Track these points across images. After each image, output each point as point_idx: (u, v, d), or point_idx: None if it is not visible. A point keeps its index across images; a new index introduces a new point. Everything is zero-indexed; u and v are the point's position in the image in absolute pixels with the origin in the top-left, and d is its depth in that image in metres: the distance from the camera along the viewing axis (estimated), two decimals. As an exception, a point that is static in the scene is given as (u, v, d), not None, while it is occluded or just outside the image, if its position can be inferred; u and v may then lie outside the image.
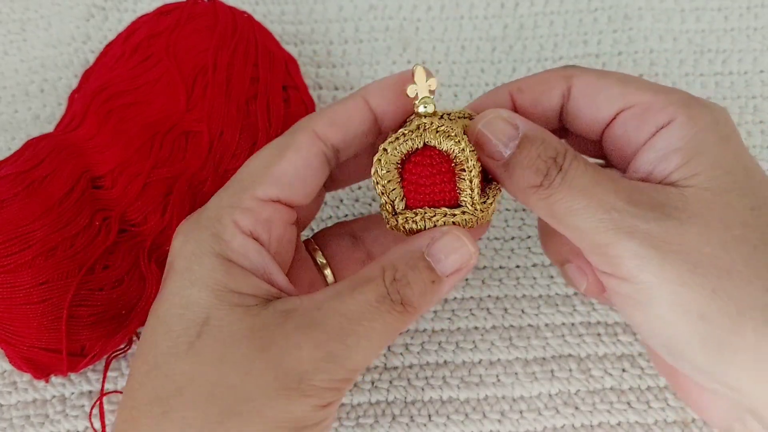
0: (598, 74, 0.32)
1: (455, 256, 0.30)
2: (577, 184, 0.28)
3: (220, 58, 0.40)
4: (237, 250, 0.29)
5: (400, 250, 0.30)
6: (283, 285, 0.31)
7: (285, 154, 0.31)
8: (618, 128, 0.31)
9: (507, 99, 0.33)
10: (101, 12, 0.51)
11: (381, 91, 0.32)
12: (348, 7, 0.52)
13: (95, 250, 0.36)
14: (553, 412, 0.39)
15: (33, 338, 0.35)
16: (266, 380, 0.27)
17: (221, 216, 0.30)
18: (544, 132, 0.30)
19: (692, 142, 0.29)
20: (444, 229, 0.30)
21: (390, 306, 0.29)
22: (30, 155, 0.38)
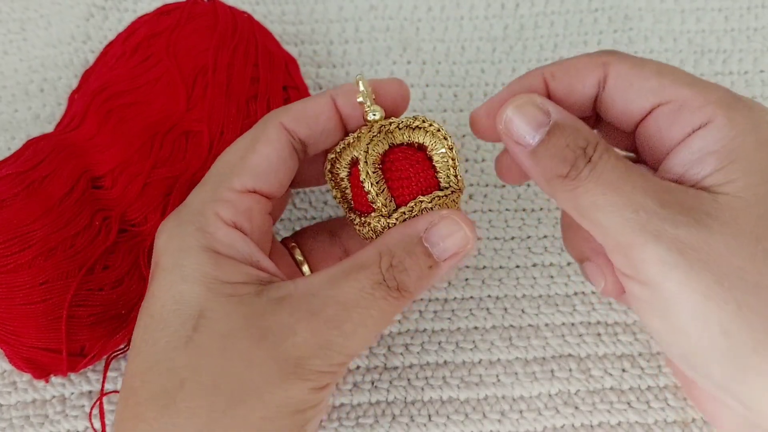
0: (634, 63, 0.30)
1: (453, 241, 0.30)
2: (606, 179, 0.27)
3: (220, 58, 0.40)
4: (222, 241, 0.30)
5: (397, 234, 0.30)
6: (272, 270, 0.31)
7: (256, 146, 0.31)
8: (652, 124, 0.30)
9: (541, 84, 0.31)
10: (101, 12, 0.51)
11: (349, 93, 0.33)
12: (348, 7, 0.52)
13: (95, 250, 0.36)
14: (553, 412, 0.39)
15: (33, 338, 0.35)
16: (267, 368, 0.28)
17: (203, 209, 0.30)
18: (576, 121, 0.29)
19: (730, 146, 0.27)
20: (443, 213, 0.30)
21: (386, 292, 0.29)
22: (30, 155, 0.38)
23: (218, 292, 0.28)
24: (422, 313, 0.42)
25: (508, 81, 0.49)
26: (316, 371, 0.28)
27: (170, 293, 0.29)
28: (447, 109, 0.48)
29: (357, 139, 0.32)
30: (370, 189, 0.30)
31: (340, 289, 0.29)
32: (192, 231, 0.30)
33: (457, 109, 0.48)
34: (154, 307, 0.29)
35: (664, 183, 0.28)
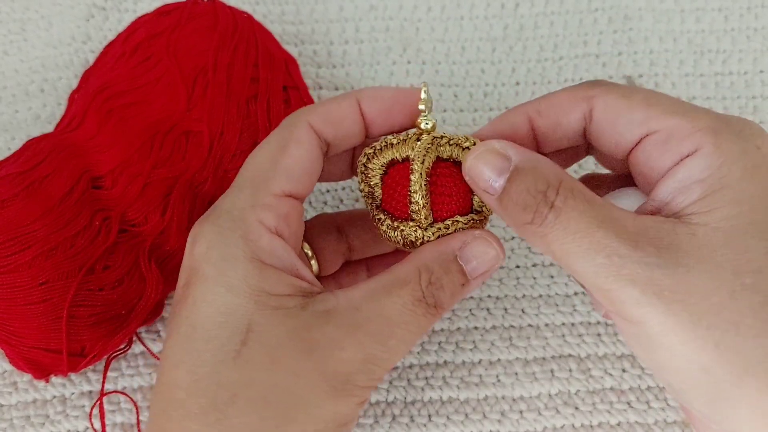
0: (620, 94, 0.30)
1: (485, 259, 0.31)
2: (574, 226, 0.27)
3: (220, 58, 0.40)
4: (266, 250, 0.29)
5: (434, 251, 0.30)
6: (310, 278, 0.31)
7: (288, 149, 0.31)
8: (641, 154, 0.29)
9: (524, 122, 0.31)
10: (101, 12, 0.51)
11: (375, 99, 0.33)
12: (348, 7, 0.52)
13: (95, 250, 0.36)
14: (553, 412, 0.39)
15: (33, 338, 0.35)
16: (315, 382, 0.28)
17: (245, 216, 0.30)
18: (539, 162, 0.29)
19: (716, 174, 0.27)
20: (476, 233, 0.31)
21: (425, 308, 0.29)
22: (30, 155, 0.38)
23: (265, 304, 0.28)
24: (422, 313, 0.42)
25: (508, 81, 0.49)
26: (362, 386, 0.29)
27: (215, 304, 0.28)
28: (447, 109, 0.48)
29: (402, 143, 0.32)
30: (418, 200, 0.30)
31: (384, 304, 0.29)
32: (235, 239, 0.29)
33: (457, 109, 0.48)
34: (197, 318, 0.29)
35: (639, 222, 0.27)
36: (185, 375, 0.28)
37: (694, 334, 0.25)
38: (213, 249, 0.29)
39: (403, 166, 0.32)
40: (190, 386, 0.28)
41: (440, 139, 0.31)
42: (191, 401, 0.28)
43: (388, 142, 0.32)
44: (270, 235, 0.30)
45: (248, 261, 0.29)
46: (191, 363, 0.28)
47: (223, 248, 0.29)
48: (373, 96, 0.33)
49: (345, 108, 0.32)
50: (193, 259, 0.30)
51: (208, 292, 0.29)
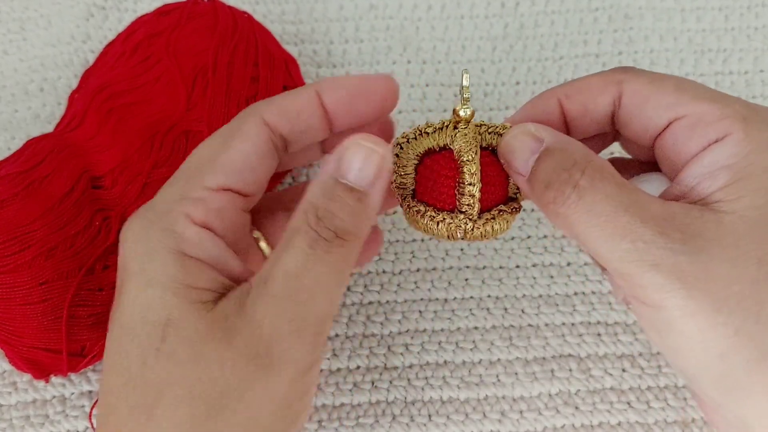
0: (650, 80, 0.29)
1: (368, 163, 0.28)
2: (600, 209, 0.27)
3: (220, 57, 0.40)
4: (191, 241, 0.28)
5: (314, 187, 0.29)
6: (238, 271, 0.30)
7: (232, 143, 0.30)
8: (669, 138, 0.29)
9: (555, 106, 0.31)
10: (101, 11, 0.51)
11: (336, 89, 0.31)
12: (348, 6, 0.52)
13: (95, 250, 0.36)
14: (553, 412, 0.39)
15: (33, 338, 0.35)
16: (240, 367, 0.27)
17: (171, 209, 0.29)
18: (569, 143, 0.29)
19: (744, 162, 0.27)
20: (344, 144, 0.28)
21: (325, 245, 0.27)
22: (30, 155, 0.38)
23: (184, 297, 0.27)
24: (422, 313, 0.42)
25: (508, 80, 0.49)
26: (290, 357, 0.27)
27: (137, 301, 0.28)
28: (447, 109, 0.48)
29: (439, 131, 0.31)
30: (475, 193, 0.30)
31: (285, 261, 0.27)
32: (157, 232, 0.28)
33: (457, 109, 0.48)
34: (123, 317, 0.28)
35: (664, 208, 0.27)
36: (116, 378, 0.28)
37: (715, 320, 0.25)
38: (137, 244, 0.28)
39: (443, 156, 0.31)
40: (120, 389, 0.27)
41: (479, 128, 0.31)
42: (121, 404, 0.27)
43: (422, 130, 0.31)
44: (197, 228, 0.29)
45: (169, 253, 0.28)
46: (120, 365, 0.27)
47: (145, 243, 0.28)
48: (333, 87, 0.31)
49: (302, 100, 0.31)
50: (122, 257, 0.29)
51: (132, 289, 0.28)
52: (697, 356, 0.27)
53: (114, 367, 0.28)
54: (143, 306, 0.27)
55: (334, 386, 0.40)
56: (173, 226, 0.28)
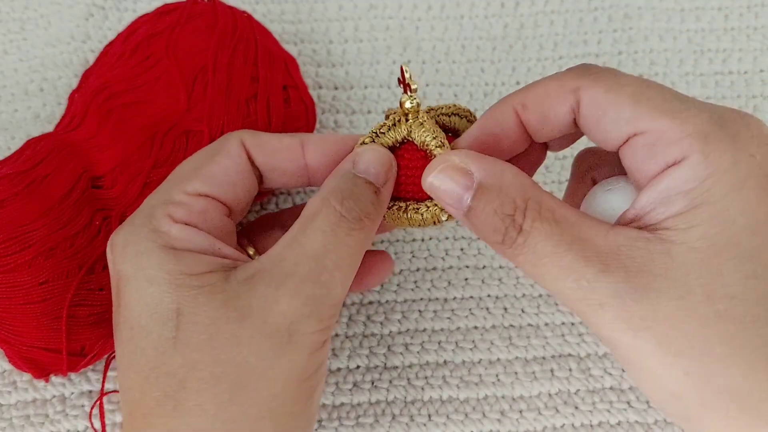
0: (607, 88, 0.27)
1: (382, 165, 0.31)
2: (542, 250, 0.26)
3: (220, 57, 0.40)
4: (177, 237, 0.29)
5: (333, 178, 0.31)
6: (234, 255, 0.31)
7: (215, 157, 0.32)
8: (629, 154, 0.27)
9: (511, 117, 0.30)
10: (101, 11, 0.51)
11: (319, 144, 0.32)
12: (348, 6, 0.52)
13: (95, 249, 0.36)
14: (553, 411, 0.39)
15: (33, 338, 0.35)
16: (258, 344, 0.27)
17: (154, 212, 0.30)
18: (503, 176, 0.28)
19: (701, 188, 0.25)
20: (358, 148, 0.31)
21: (348, 226, 0.29)
22: (30, 155, 0.38)
23: (187, 286, 0.28)
24: (422, 312, 0.42)
25: (508, 80, 0.49)
26: (310, 332, 0.28)
27: (142, 299, 0.28)
28: (447, 109, 0.48)
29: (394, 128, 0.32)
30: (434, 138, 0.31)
31: (304, 243, 0.28)
32: (145, 233, 0.29)
33: (457, 109, 0.48)
34: (131, 318, 0.29)
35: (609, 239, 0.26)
36: (135, 375, 0.28)
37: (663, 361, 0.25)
38: (128, 247, 0.29)
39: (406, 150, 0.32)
40: (142, 384, 0.28)
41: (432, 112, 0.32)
42: (146, 398, 0.28)
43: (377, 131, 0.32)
44: (180, 225, 0.30)
45: (159, 249, 0.29)
46: (137, 363, 0.28)
47: (136, 244, 0.29)
48: (317, 141, 0.33)
49: (284, 142, 0.32)
50: (114, 264, 0.30)
51: (134, 290, 0.29)
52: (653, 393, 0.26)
53: (131, 366, 0.29)
54: (149, 303, 0.28)
55: (334, 386, 0.40)
56: (158, 226, 0.29)
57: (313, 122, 0.43)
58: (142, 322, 0.28)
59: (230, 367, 0.27)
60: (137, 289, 0.29)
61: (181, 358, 0.28)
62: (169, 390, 0.28)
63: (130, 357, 0.29)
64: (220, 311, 0.28)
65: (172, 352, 0.28)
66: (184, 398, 0.27)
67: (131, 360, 0.29)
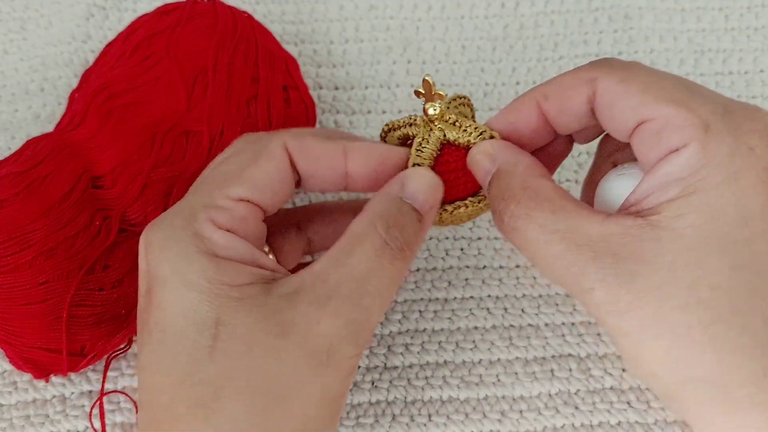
0: (621, 78, 0.28)
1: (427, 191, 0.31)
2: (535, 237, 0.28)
3: (220, 58, 0.40)
4: (220, 244, 0.29)
5: (381, 200, 0.31)
6: (273, 266, 0.31)
7: (259, 160, 0.31)
8: (637, 141, 0.28)
9: (533, 108, 0.31)
10: (101, 11, 0.51)
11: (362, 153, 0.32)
12: (349, 6, 0.52)
13: (95, 250, 0.36)
14: (553, 411, 0.39)
15: (33, 338, 0.35)
16: (298, 361, 0.28)
17: (196, 215, 0.29)
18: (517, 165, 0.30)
19: (695, 176, 0.26)
20: (407, 172, 0.31)
21: (391, 255, 0.29)
22: (30, 155, 0.38)
23: (228, 296, 0.28)
24: (422, 313, 0.42)
25: (508, 80, 0.49)
26: (347, 356, 0.28)
27: (179, 304, 0.28)
28: (447, 109, 0.48)
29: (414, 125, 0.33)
30: None
31: (349, 265, 0.28)
32: (187, 236, 0.29)
33: (458, 109, 0.48)
34: (165, 321, 0.28)
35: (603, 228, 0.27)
36: (166, 379, 0.28)
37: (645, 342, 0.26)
38: (167, 249, 0.29)
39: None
40: (173, 389, 0.28)
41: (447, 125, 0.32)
42: (176, 403, 0.28)
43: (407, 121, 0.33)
44: (223, 231, 0.29)
45: (201, 255, 0.28)
46: (169, 366, 0.28)
47: (176, 247, 0.29)
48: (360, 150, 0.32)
49: (327, 149, 0.32)
50: (148, 263, 0.29)
51: (170, 293, 0.28)
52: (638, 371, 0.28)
53: (160, 369, 0.28)
54: (186, 309, 0.28)
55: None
56: (201, 230, 0.29)
57: (314, 123, 0.43)
58: (176, 327, 0.28)
59: (268, 382, 0.27)
60: (174, 292, 0.28)
61: (218, 368, 0.27)
62: (202, 398, 0.27)
63: (159, 359, 0.28)
64: (261, 325, 0.28)
65: (208, 360, 0.27)
66: (219, 408, 0.27)
67: (160, 363, 0.28)
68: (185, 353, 0.28)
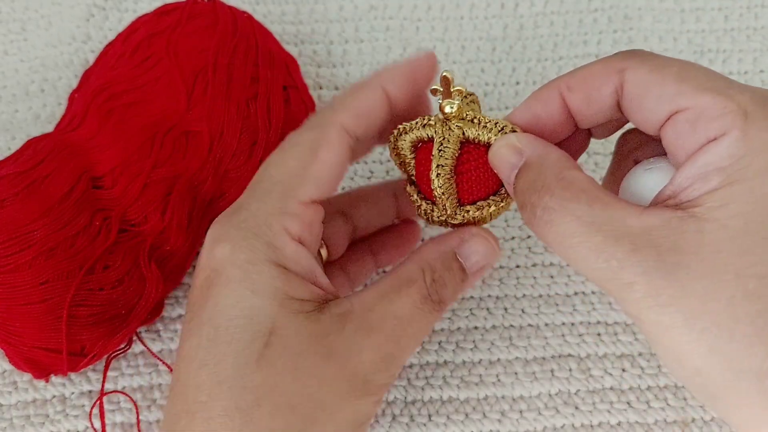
0: (652, 67, 0.27)
1: (483, 256, 0.32)
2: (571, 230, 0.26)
3: (220, 58, 0.40)
4: (290, 258, 0.30)
5: (435, 251, 0.32)
6: (327, 286, 0.31)
7: (319, 153, 0.31)
8: (670, 131, 0.27)
9: (556, 99, 0.30)
10: (101, 12, 0.51)
11: (397, 81, 0.32)
12: (348, 7, 0.52)
13: (95, 250, 0.36)
14: (553, 411, 0.39)
15: (33, 338, 0.35)
16: (336, 386, 0.28)
17: (271, 223, 0.30)
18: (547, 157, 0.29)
19: (738, 164, 0.25)
20: (473, 231, 0.32)
21: (431, 305, 0.30)
22: (30, 155, 0.38)
23: (289, 308, 0.28)
24: (422, 312, 0.42)
25: (508, 80, 0.49)
26: (380, 386, 0.30)
27: (239, 306, 0.28)
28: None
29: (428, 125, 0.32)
30: (437, 189, 0.30)
31: (395, 305, 0.30)
32: (261, 245, 0.29)
33: (457, 109, 0.48)
34: (220, 320, 0.28)
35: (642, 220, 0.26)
36: (207, 377, 0.28)
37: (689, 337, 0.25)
38: (238, 252, 0.29)
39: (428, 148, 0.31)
40: (213, 388, 0.28)
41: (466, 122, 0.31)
42: (214, 403, 0.28)
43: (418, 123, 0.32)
44: (294, 243, 0.30)
45: (272, 265, 0.29)
46: (214, 365, 0.28)
47: (249, 252, 0.29)
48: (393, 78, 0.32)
49: (373, 99, 0.32)
50: (215, 260, 0.30)
51: (233, 294, 0.29)
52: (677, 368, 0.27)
53: (206, 367, 0.28)
54: (246, 312, 0.28)
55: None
56: (275, 240, 0.30)
57: (314, 122, 0.43)
58: (231, 328, 0.28)
59: (308, 400, 0.28)
60: (238, 295, 0.29)
61: (262, 378, 0.28)
62: (242, 404, 0.27)
63: (205, 356, 0.28)
64: (311, 342, 0.28)
65: (254, 367, 0.28)
66: (257, 417, 0.27)
67: (206, 359, 0.28)
68: (233, 355, 0.28)
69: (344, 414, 0.29)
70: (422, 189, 0.32)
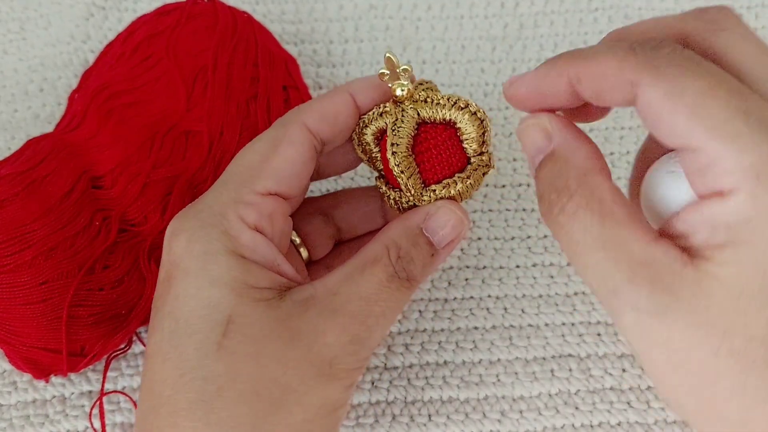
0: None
1: (450, 229, 0.31)
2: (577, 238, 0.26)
3: (220, 57, 0.40)
4: (247, 246, 0.30)
5: (399, 227, 0.31)
6: (291, 274, 0.31)
7: (279, 148, 0.31)
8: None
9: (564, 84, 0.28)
10: (101, 11, 0.51)
11: (366, 89, 0.33)
12: (348, 6, 0.52)
13: (95, 250, 0.36)
14: (553, 411, 0.39)
15: (33, 338, 0.35)
16: (301, 369, 0.28)
17: (225, 212, 0.30)
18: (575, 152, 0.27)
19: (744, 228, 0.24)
20: (438, 204, 0.31)
21: (399, 283, 0.30)
22: (30, 155, 0.38)
23: (247, 296, 0.28)
24: (422, 313, 0.42)
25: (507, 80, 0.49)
26: (349, 369, 0.29)
27: (198, 298, 0.28)
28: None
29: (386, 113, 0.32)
30: (400, 175, 0.30)
31: (360, 285, 0.29)
32: (217, 234, 0.29)
33: (457, 109, 0.48)
34: (180, 311, 0.29)
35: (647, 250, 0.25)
36: (171, 370, 0.28)
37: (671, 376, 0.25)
38: (194, 243, 0.29)
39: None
40: (176, 381, 0.28)
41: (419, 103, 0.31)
42: (178, 396, 0.28)
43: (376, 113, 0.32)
44: (251, 231, 0.30)
45: (229, 255, 0.29)
46: (176, 358, 0.28)
47: (205, 243, 0.29)
48: (363, 87, 0.33)
49: (339, 104, 0.33)
50: (173, 254, 0.30)
51: (191, 286, 0.29)
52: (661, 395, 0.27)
53: (168, 361, 0.28)
54: (205, 303, 0.28)
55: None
56: (230, 229, 0.30)
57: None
58: (191, 319, 0.28)
59: (272, 386, 0.28)
60: (196, 286, 0.29)
61: (224, 367, 0.28)
62: (204, 395, 0.27)
63: (167, 349, 0.28)
64: (272, 328, 0.28)
65: (214, 357, 0.28)
66: (220, 407, 0.27)
67: (169, 353, 0.28)
68: (193, 347, 0.28)
69: (312, 399, 0.28)
70: (389, 179, 0.33)
